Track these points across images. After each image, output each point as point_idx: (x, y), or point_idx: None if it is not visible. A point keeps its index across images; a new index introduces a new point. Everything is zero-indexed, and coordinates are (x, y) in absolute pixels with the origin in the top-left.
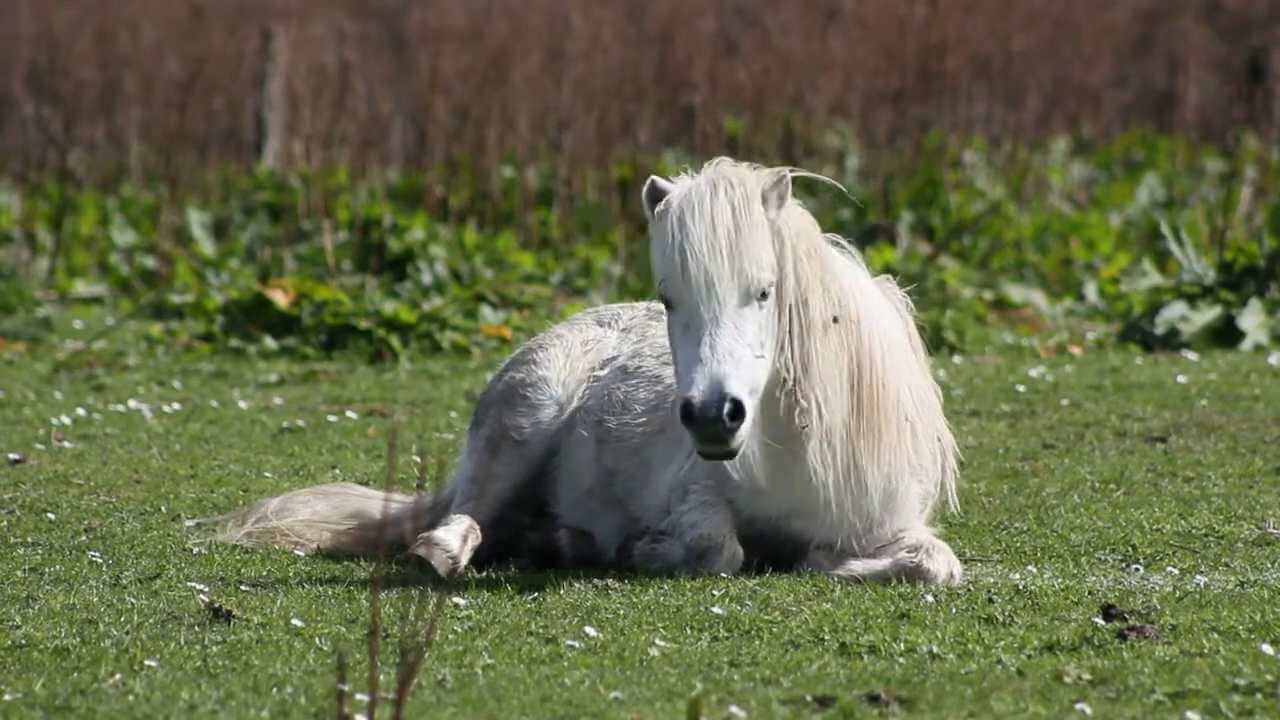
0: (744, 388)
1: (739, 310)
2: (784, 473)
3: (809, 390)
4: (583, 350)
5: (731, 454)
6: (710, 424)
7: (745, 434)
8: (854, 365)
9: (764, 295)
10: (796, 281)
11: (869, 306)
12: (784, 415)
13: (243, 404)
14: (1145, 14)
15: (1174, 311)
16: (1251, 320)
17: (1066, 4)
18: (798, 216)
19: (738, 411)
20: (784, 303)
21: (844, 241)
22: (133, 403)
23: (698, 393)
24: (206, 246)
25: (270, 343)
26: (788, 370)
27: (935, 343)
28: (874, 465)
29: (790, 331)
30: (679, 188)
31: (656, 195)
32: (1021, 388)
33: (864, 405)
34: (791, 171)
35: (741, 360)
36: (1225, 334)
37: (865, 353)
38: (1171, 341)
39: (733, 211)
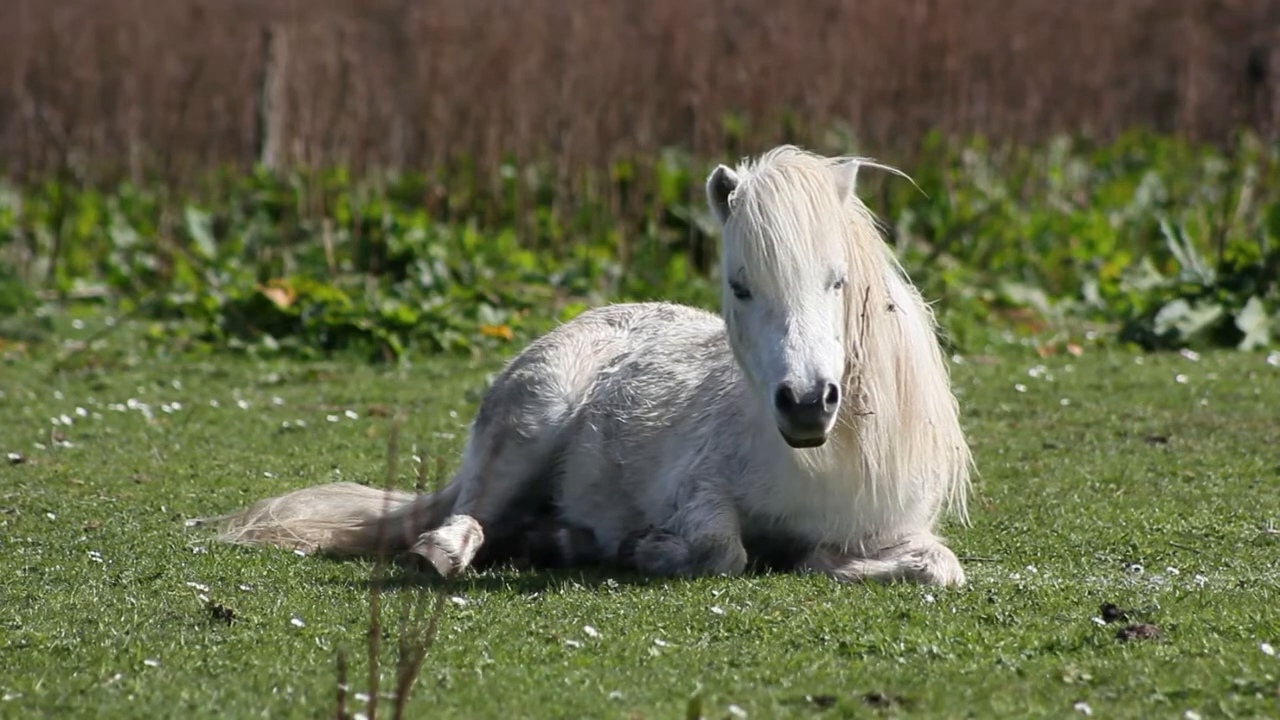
0: (835, 373)
1: (822, 296)
2: (826, 461)
3: (871, 377)
4: (593, 349)
5: (822, 440)
6: (810, 410)
7: (835, 419)
8: (896, 361)
9: (839, 283)
10: (862, 267)
11: (905, 304)
12: (849, 401)
13: (243, 404)
14: (1145, 14)
15: (1174, 311)
16: (1251, 320)
17: (1066, 4)
18: (854, 205)
19: (834, 396)
20: (851, 288)
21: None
22: (133, 403)
23: (795, 378)
24: (206, 246)
25: (270, 343)
26: (856, 355)
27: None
28: (906, 463)
29: (858, 317)
30: (749, 176)
31: (723, 185)
32: (1021, 388)
33: (901, 399)
34: (860, 161)
35: (830, 345)
36: (1225, 334)
37: (904, 351)
38: (1171, 341)
39: (810, 199)
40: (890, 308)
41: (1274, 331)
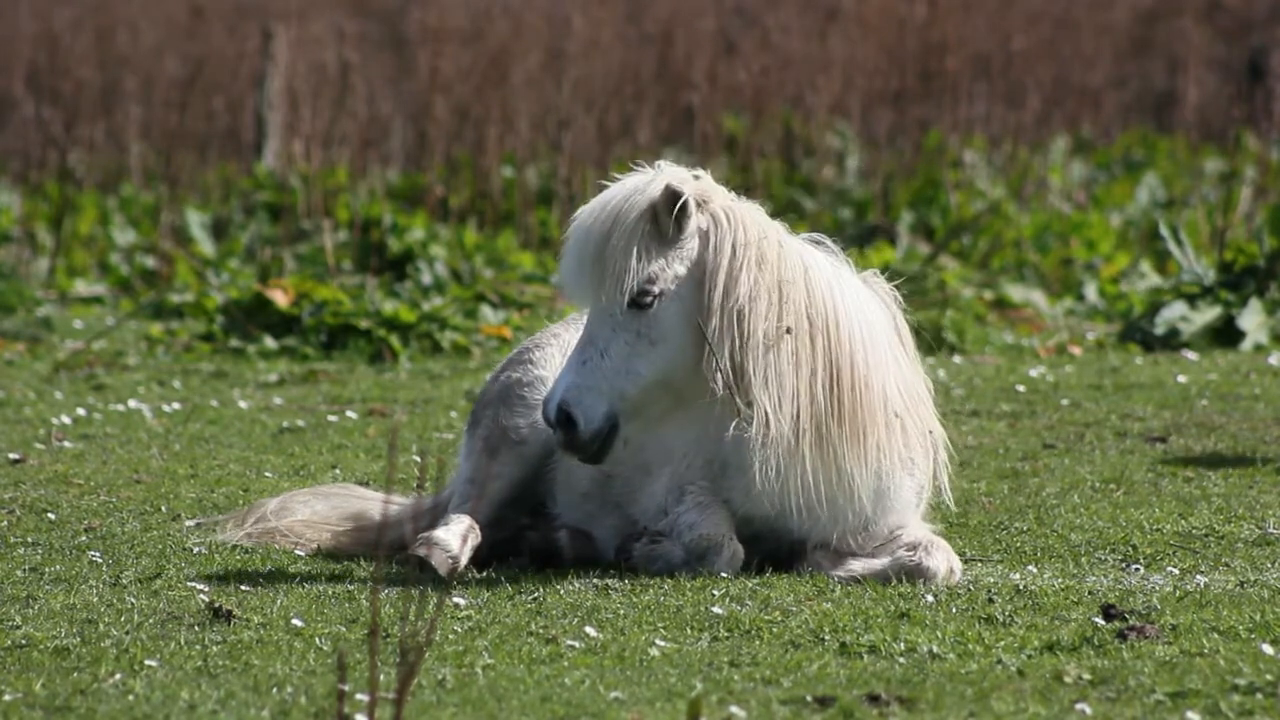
0: (584, 396)
1: (609, 319)
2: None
3: (752, 399)
4: None
5: (591, 459)
6: (550, 427)
7: (593, 439)
8: (831, 370)
9: (642, 305)
10: (728, 293)
11: (850, 306)
12: (721, 422)
13: (243, 404)
14: (1145, 14)
15: (1174, 311)
16: (1251, 320)
17: (1066, 4)
18: (746, 229)
19: (568, 420)
20: (710, 314)
21: (826, 240)
22: (133, 403)
23: (545, 399)
24: (206, 246)
25: (270, 343)
26: (715, 380)
27: (935, 343)
28: (861, 466)
29: (719, 342)
30: None
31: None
32: (1021, 388)
33: (846, 408)
34: (667, 178)
35: (592, 370)
36: (1225, 334)
37: (845, 355)
38: (1171, 341)
39: (612, 221)
40: (788, 331)
41: (1274, 331)
